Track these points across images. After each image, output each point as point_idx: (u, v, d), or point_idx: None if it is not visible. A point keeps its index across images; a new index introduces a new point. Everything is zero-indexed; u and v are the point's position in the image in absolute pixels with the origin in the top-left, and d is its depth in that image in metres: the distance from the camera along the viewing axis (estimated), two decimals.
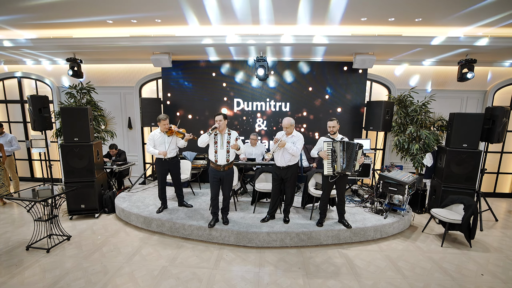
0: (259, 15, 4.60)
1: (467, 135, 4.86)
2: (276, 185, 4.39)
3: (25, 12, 4.54)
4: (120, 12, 4.54)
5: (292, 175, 4.26)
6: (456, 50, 5.42)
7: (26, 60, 6.92)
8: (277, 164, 4.27)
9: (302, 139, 4.23)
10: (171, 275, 3.37)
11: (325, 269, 3.55)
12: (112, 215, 5.18)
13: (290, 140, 4.17)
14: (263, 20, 4.81)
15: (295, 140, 4.17)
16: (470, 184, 4.92)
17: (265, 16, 4.62)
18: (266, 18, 4.72)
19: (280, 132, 4.33)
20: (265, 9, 4.35)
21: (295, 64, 6.40)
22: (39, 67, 7.09)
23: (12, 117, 7.41)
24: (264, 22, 4.87)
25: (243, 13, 4.53)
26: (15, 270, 3.41)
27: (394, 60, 6.44)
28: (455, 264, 3.74)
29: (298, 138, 4.21)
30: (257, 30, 5.23)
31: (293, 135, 4.23)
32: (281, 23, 4.95)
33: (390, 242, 4.30)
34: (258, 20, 4.79)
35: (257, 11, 4.45)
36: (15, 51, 6.10)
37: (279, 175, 4.30)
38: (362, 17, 4.60)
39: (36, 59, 6.81)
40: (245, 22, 4.90)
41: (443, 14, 4.39)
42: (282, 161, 4.21)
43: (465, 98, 6.63)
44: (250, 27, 5.11)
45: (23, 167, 7.68)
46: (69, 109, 4.94)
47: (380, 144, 6.88)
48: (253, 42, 5.30)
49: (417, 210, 5.48)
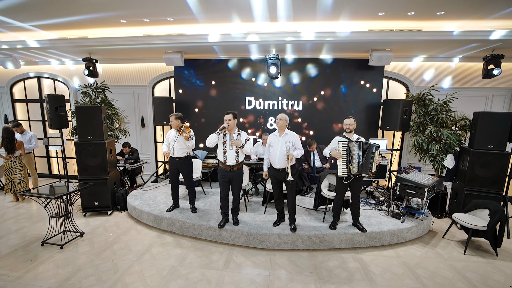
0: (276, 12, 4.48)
1: (493, 136, 4.57)
2: (277, 189, 4.19)
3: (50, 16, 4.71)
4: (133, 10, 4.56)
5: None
6: (481, 44, 5.09)
7: (45, 61, 7.12)
8: (275, 167, 4.04)
9: (298, 138, 4.05)
10: (180, 275, 3.33)
11: (338, 275, 3.41)
12: (124, 213, 5.22)
13: (285, 139, 3.95)
14: (277, 17, 4.69)
15: (290, 140, 3.95)
16: (496, 188, 4.63)
17: (279, 12, 4.50)
18: (280, 15, 4.60)
19: (271, 134, 4.18)
20: (277, 5, 4.23)
21: (308, 62, 6.24)
22: (57, 67, 7.28)
23: (32, 116, 7.66)
24: (277, 19, 4.75)
25: (256, 10, 4.43)
26: (30, 265, 3.48)
27: (413, 57, 6.16)
28: (480, 274, 3.50)
29: (294, 138, 4.01)
30: (270, 28, 5.11)
31: (286, 133, 4.02)
32: (296, 20, 4.81)
33: (408, 248, 4.09)
34: (272, 17, 4.67)
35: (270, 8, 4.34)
36: (34, 52, 6.28)
37: (277, 177, 4.09)
38: (379, 11, 4.40)
39: (54, 59, 6.99)
40: (258, 20, 4.80)
41: (468, 6, 4.12)
42: (280, 162, 3.95)
43: (490, 96, 6.26)
44: (262, 25, 5.00)
45: (41, 164, 7.93)
46: (83, 108, 5.02)
47: (397, 145, 6.61)
48: (264, 40, 5.18)
49: (437, 214, 5.21)
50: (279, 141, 4.00)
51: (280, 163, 3.97)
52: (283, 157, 3.91)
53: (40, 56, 6.63)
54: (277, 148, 3.98)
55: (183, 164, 4.61)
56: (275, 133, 4.13)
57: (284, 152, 3.88)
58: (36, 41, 5.72)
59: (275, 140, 4.06)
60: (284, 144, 3.90)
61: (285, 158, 3.88)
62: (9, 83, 7.47)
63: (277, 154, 3.98)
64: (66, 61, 7.12)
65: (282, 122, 4.00)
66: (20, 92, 7.61)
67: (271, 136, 4.16)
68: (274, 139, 4.08)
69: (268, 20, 4.83)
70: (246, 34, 5.15)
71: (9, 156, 5.57)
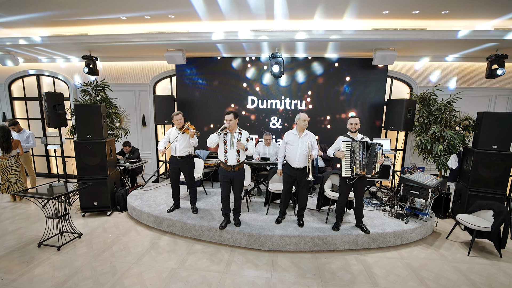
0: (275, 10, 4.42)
1: (497, 136, 4.53)
2: (289, 188, 4.23)
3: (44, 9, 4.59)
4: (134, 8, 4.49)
5: (305, 176, 4.05)
6: (486, 44, 5.03)
7: (44, 58, 7.04)
8: (293, 166, 4.03)
9: (315, 138, 4.12)
10: (180, 278, 3.26)
11: (341, 277, 3.35)
12: (124, 213, 5.15)
13: (305, 140, 3.99)
14: (278, 15, 4.62)
15: (309, 140, 4.00)
16: (500, 188, 4.59)
17: (280, 10, 4.43)
18: (281, 13, 4.53)
19: (288, 132, 4.16)
20: (280, 3, 4.17)
21: (310, 61, 6.18)
22: (56, 65, 7.20)
23: (31, 114, 7.58)
24: (279, 17, 4.68)
25: (257, 8, 4.36)
26: (26, 267, 3.40)
27: (417, 56, 6.09)
28: (485, 276, 3.45)
29: (313, 138, 4.07)
30: (272, 26, 5.05)
31: (306, 133, 4.05)
32: (297, 18, 4.74)
33: (412, 249, 4.04)
34: (273, 15, 4.61)
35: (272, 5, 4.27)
36: (33, 49, 6.19)
37: (293, 176, 4.09)
38: (384, 10, 4.33)
39: (53, 57, 6.91)
40: (260, 18, 4.73)
41: (473, 5, 4.05)
42: (300, 162, 3.98)
43: (493, 96, 6.20)
44: (264, 23, 4.94)
45: (40, 163, 7.85)
46: (82, 106, 4.94)
47: (400, 145, 6.55)
48: (267, 38, 5.12)
49: (440, 215, 5.16)
50: (299, 141, 4.00)
51: (300, 162, 3.99)
52: (304, 157, 3.97)
53: (40, 53, 6.54)
54: (297, 148, 3.99)
55: (185, 163, 4.53)
56: (293, 132, 4.10)
57: (305, 152, 3.95)
58: (35, 38, 5.63)
59: (294, 139, 4.03)
60: (305, 144, 3.96)
61: (306, 158, 3.95)
62: (7, 81, 7.38)
63: (297, 153, 3.98)
64: (65, 59, 7.03)
65: (304, 123, 3.99)
66: (19, 90, 7.52)
67: (289, 134, 4.12)
68: (293, 138, 4.05)
69: (272, 18, 4.77)
70: (250, 32, 5.08)
71: (5, 156, 5.48)
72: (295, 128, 4.14)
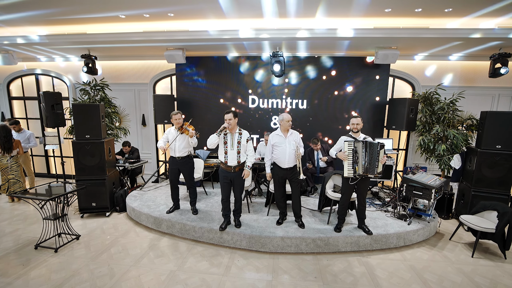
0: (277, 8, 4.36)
1: (501, 136, 4.45)
2: (282, 188, 4.18)
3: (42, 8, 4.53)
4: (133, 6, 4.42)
5: (296, 174, 4.03)
6: (489, 42, 4.97)
7: (42, 57, 6.98)
8: (283, 166, 3.98)
9: (300, 136, 4.13)
10: (179, 280, 3.20)
11: (344, 279, 3.29)
12: (123, 214, 5.09)
13: (291, 139, 3.97)
14: (280, 13, 4.56)
15: (295, 138, 4.01)
16: (504, 189, 4.51)
17: (283, 8, 4.37)
18: (283, 11, 4.47)
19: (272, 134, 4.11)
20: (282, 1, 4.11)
21: (312, 60, 6.12)
22: (55, 64, 7.15)
23: (30, 114, 7.52)
24: (281, 15, 4.62)
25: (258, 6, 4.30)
26: (22, 270, 3.34)
27: (419, 55, 6.03)
28: (489, 278, 3.38)
29: (298, 136, 4.08)
30: (274, 24, 4.98)
31: (291, 132, 4.03)
32: (299, 16, 4.68)
33: (415, 251, 3.97)
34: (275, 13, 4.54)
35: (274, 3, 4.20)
36: (31, 48, 6.13)
37: (283, 177, 4.06)
38: (386, 7, 4.27)
39: (52, 56, 6.85)
40: (261, 16, 4.67)
41: (476, 3, 3.99)
42: (290, 161, 3.96)
43: (496, 96, 6.14)
44: (265, 21, 4.87)
45: (40, 164, 7.79)
46: (80, 106, 4.88)
47: (403, 144, 6.49)
48: (268, 36, 5.05)
49: (443, 215, 5.09)
50: (286, 141, 3.96)
51: (290, 162, 3.97)
52: (293, 156, 3.97)
53: (38, 52, 6.47)
54: (286, 148, 3.95)
55: (184, 163, 4.47)
56: (278, 133, 4.04)
57: (293, 151, 3.95)
58: (34, 36, 5.57)
59: (281, 140, 3.98)
60: (293, 144, 3.95)
61: (295, 157, 3.96)
62: (6, 80, 7.32)
63: (286, 154, 3.95)
64: (64, 58, 6.97)
65: (288, 124, 3.96)
66: (18, 89, 7.47)
67: (274, 136, 4.05)
68: (279, 139, 4.00)
69: (277, 16, 4.71)
70: (250, 31, 5.02)
71: (5, 156, 5.42)
72: (278, 129, 4.09)
